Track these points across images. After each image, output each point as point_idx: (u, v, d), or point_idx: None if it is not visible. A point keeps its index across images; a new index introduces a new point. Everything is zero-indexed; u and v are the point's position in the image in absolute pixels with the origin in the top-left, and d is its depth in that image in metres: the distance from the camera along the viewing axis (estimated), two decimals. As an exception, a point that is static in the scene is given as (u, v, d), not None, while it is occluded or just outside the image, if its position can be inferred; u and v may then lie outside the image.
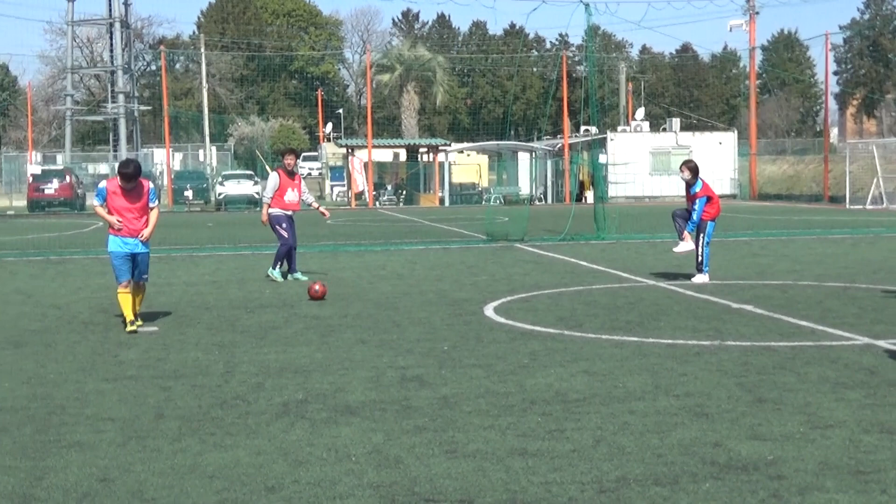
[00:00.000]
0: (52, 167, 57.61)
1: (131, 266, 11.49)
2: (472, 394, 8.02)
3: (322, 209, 18.03)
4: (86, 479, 5.89)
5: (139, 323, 11.41)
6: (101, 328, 11.73)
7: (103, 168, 64.00)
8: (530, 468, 6.01)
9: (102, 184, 11.60)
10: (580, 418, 7.18)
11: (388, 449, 6.45)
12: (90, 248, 24.43)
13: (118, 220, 11.32)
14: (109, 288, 14.79)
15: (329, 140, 75.41)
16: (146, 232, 11.54)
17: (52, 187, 50.51)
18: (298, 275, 16.66)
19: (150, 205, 11.62)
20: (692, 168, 15.71)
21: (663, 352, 9.77)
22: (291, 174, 16.78)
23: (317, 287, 14.03)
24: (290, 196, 16.66)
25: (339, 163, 65.60)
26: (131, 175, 11.27)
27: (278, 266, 16.71)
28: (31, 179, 52.76)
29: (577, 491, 5.60)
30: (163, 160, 60.66)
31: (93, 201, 11.77)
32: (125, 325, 11.37)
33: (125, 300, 11.38)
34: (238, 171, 58.22)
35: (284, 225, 16.56)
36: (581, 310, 12.77)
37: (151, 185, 11.69)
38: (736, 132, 57.01)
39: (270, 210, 16.69)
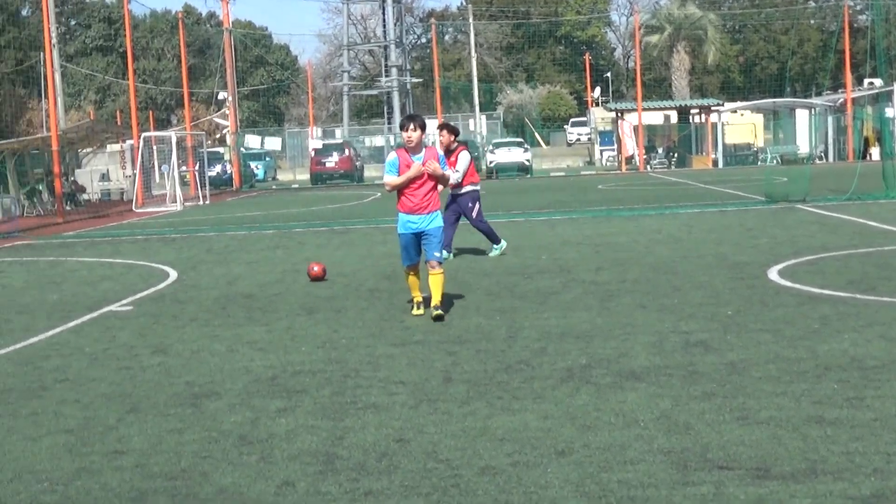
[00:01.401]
0: (332, 141, 60.27)
1: (417, 246, 10.50)
2: (760, 359, 7.78)
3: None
4: (383, 439, 6.14)
5: (436, 311, 10.13)
6: (387, 295, 12.17)
7: (379, 140, 66.36)
8: (829, 437, 5.77)
9: (392, 156, 10.56)
10: (880, 386, 6.83)
11: (676, 415, 6.37)
12: (371, 218, 25.41)
13: (419, 166, 10.15)
14: (392, 256, 15.34)
15: (597, 104, 75.00)
16: (447, 173, 10.57)
17: (332, 160, 52.86)
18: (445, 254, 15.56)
19: (444, 171, 10.48)
20: None
21: (969, 316, 9.14)
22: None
23: (315, 268, 13.91)
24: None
25: (608, 127, 65.13)
26: (415, 123, 10.17)
27: (497, 242, 15.95)
28: (312, 154, 55.44)
29: (882, 462, 5.33)
30: (435, 130, 62.19)
31: (384, 178, 10.68)
32: (415, 309, 10.62)
33: (412, 282, 10.70)
34: (508, 139, 58.87)
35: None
36: (873, 272, 12.12)
37: (441, 154, 10.74)
38: None
39: (469, 188, 15.70)
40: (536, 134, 76.87)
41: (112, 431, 6.58)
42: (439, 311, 10.10)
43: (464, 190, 15.42)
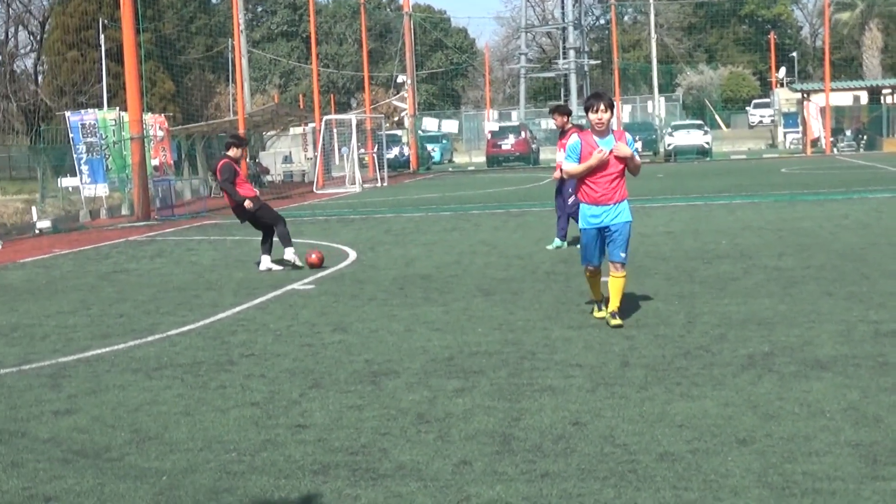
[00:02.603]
0: (508, 124, 60.41)
1: (602, 244, 9.25)
2: (957, 352, 7.43)
3: None
4: (559, 421, 6.13)
5: (613, 319, 8.96)
6: (563, 278, 12.14)
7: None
8: None
9: (573, 139, 9.29)
10: None
11: (865, 406, 6.14)
12: (546, 200, 25.36)
13: (601, 155, 8.94)
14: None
15: (782, 85, 72.69)
16: (626, 150, 8.97)
17: (508, 143, 52.94)
18: (557, 242, 15.29)
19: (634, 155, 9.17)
20: None
21: None
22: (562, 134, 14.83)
23: (313, 256, 13.83)
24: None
25: (793, 108, 63.09)
26: (604, 103, 8.96)
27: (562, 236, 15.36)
28: (489, 136, 55.66)
29: None
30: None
31: (564, 165, 9.52)
32: (595, 310, 9.53)
33: (592, 282, 9.58)
34: (687, 121, 57.77)
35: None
36: None
37: (629, 136, 9.33)
38: None
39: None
40: (716, 116, 75.12)
41: (295, 406, 6.79)
42: (618, 321, 8.91)
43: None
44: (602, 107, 8.92)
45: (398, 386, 7.19)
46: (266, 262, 14.21)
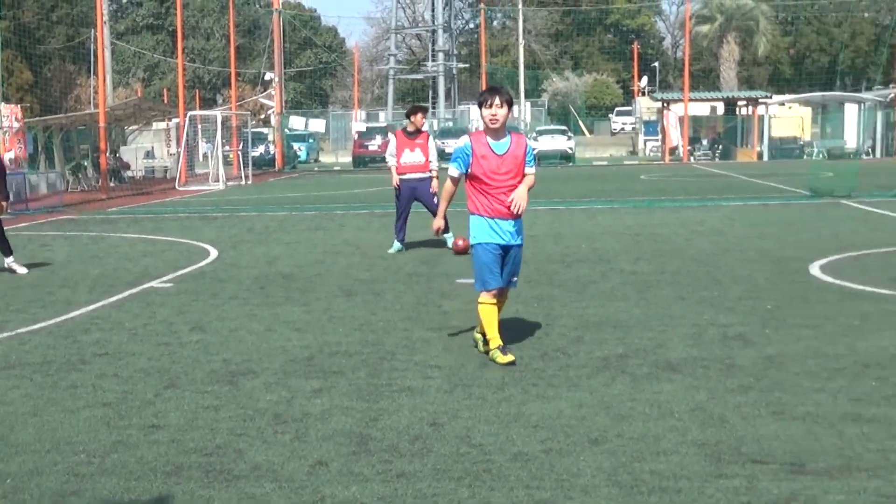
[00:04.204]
0: (376, 125, 60.39)
1: (502, 265, 7.95)
2: (799, 355, 7.72)
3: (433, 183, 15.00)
4: (417, 422, 6.16)
5: (506, 356, 7.60)
6: (425, 279, 12.20)
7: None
8: (865, 434, 5.72)
9: (463, 141, 7.92)
10: (920, 385, 6.76)
11: (711, 407, 6.34)
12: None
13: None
14: (433, 240, 15.37)
15: (643, 94, 74.54)
16: (520, 198, 7.79)
17: (375, 144, 52.94)
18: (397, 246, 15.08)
19: (528, 169, 7.89)
20: None
21: None
22: (412, 134, 14.89)
23: (459, 242, 13.80)
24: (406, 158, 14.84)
25: (654, 117, 64.74)
26: (501, 98, 7.73)
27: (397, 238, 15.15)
28: (356, 136, 55.59)
29: (918, 461, 5.29)
30: (478, 116, 62.01)
31: (451, 172, 7.92)
32: (479, 345, 8.10)
33: (489, 314, 7.77)
34: (552, 127, 58.70)
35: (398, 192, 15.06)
36: (918, 270, 11.99)
37: (529, 143, 8.06)
38: None
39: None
40: (580, 122, 76.51)
41: (149, 406, 6.65)
42: (511, 356, 7.62)
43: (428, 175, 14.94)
44: (498, 101, 7.66)
45: (256, 386, 7.12)
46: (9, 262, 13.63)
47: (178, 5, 44.69)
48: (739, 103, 56.62)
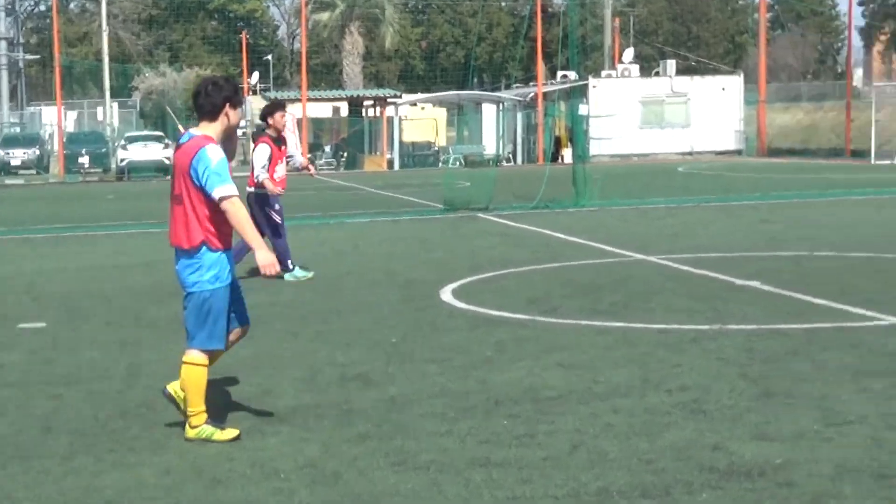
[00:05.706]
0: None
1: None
2: (425, 394, 8.02)
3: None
4: (-43, 507, 5.83)
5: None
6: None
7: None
8: (494, 481, 6.01)
9: (218, 150, 7.41)
10: (554, 420, 7.19)
11: (324, 462, 6.44)
12: None
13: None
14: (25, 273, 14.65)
15: (255, 93, 74.95)
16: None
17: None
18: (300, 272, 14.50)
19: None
20: None
21: (653, 339, 9.82)
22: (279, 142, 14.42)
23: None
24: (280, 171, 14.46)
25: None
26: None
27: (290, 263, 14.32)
28: None
29: (549, 507, 5.62)
30: (53, 120, 60.01)
31: (229, 190, 7.10)
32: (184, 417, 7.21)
33: (203, 377, 7.18)
34: (145, 133, 57.73)
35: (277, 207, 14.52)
36: (557, 291, 12.79)
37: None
38: (742, 76, 57.26)
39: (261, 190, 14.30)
40: (181, 126, 75.84)
41: None
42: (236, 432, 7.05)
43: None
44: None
45: None
46: None
47: None
48: (366, 103, 58.15)
